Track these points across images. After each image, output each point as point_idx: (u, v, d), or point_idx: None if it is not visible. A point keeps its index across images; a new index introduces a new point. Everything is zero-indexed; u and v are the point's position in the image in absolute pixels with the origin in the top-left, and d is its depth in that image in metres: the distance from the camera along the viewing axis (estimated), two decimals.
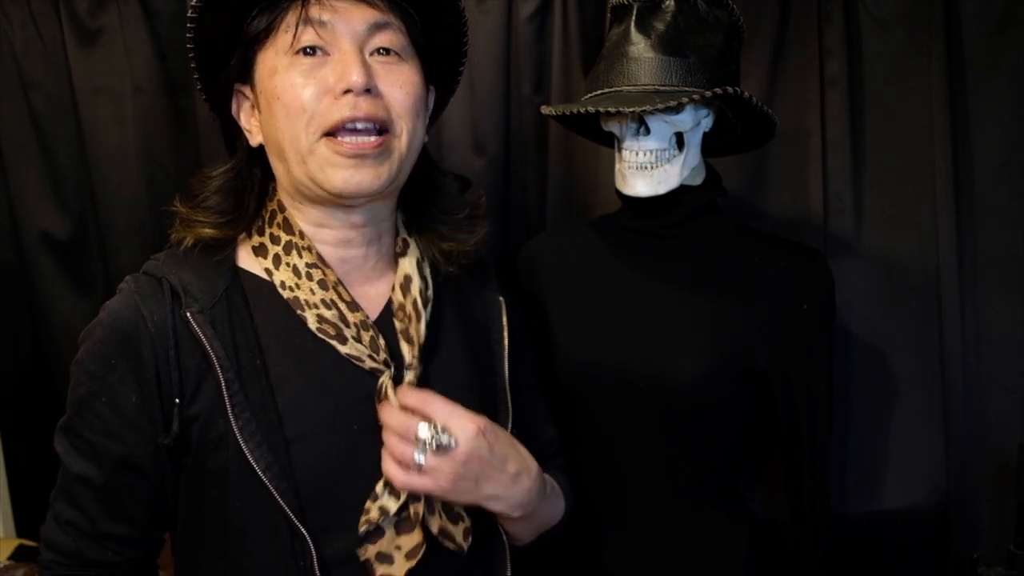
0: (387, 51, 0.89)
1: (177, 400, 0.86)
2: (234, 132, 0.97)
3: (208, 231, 0.92)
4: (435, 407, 0.86)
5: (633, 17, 1.11)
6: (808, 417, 1.18)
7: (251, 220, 0.96)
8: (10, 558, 1.66)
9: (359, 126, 0.86)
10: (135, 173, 1.64)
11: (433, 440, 0.83)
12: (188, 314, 0.86)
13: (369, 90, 0.85)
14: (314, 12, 0.85)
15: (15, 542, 1.72)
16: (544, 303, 1.29)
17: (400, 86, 0.89)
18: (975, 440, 1.48)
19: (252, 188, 0.96)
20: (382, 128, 0.88)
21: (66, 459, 0.91)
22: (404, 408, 0.87)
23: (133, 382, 0.87)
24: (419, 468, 0.83)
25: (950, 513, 1.49)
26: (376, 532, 0.89)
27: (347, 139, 0.86)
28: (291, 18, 0.86)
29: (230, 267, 0.93)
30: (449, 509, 0.93)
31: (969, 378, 1.47)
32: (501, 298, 1.08)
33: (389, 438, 0.86)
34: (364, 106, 0.85)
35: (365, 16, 0.87)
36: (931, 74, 1.44)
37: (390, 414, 0.87)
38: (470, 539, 0.94)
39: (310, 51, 0.86)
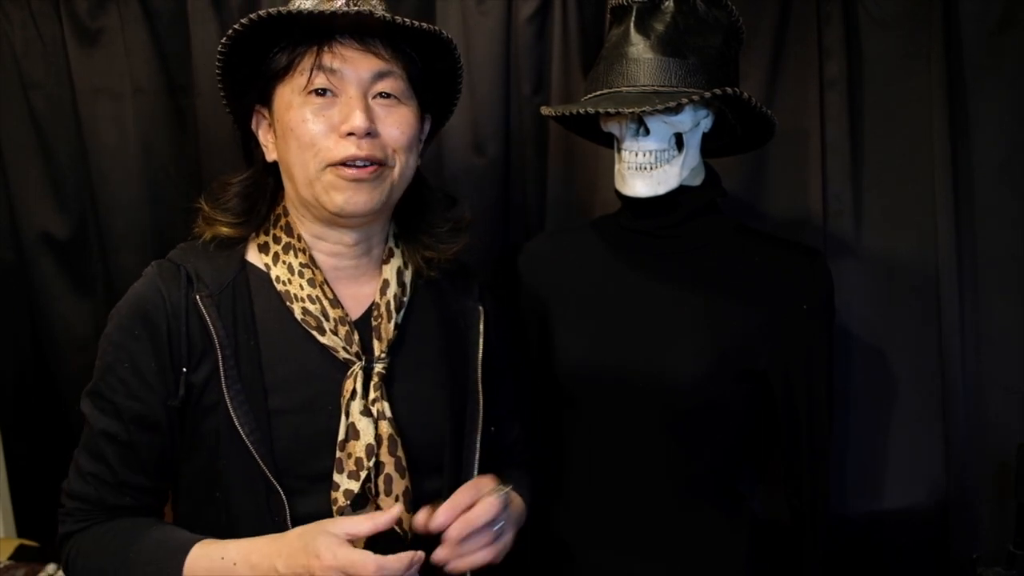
0: (388, 95, 1.02)
1: (184, 369, 1.00)
2: (251, 143, 1.10)
3: (225, 230, 1.07)
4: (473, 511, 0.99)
5: (633, 18, 1.11)
6: (808, 417, 1.18)
7: (261, 222, 1.09)
8: (10, 558, 1.66)
9: (359, 163, 0.99)
10: (135, 173, 1.65)
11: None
12: (198, 297, 1.01)
13: (370, 132, 0.99)
14: (326, 60, 0.99)
15: (15, 542, 1.72)
16: (544, 303, 1.29)
17: (397, 126, 1.02)
18: (975, 440, 1.48)
19: (265, 195, 1.10)
20: (380, 162, 1.01)
21: (91, 418, 1.02)
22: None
23: (152, 350, 1.00)
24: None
25: (950, 513, 1.49)
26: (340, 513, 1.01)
27: (348, 168, 0.99)
28: (307, 63, 0.99)
29: (240, 260, 1.07)
30: (407, 495, 1.03)
31: (969, 378, 1.47)
32: (481, 307, 1.18)
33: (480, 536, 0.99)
34: (365, 147, 0.99)
35: (371, 65, 1.00)
36: (931, 75, 1.44)
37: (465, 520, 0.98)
38: (413, 533, 1.02)
39: (321, 92, 0.99)
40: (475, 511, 0.98)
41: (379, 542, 1.00)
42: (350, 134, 0.98)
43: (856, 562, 1.54)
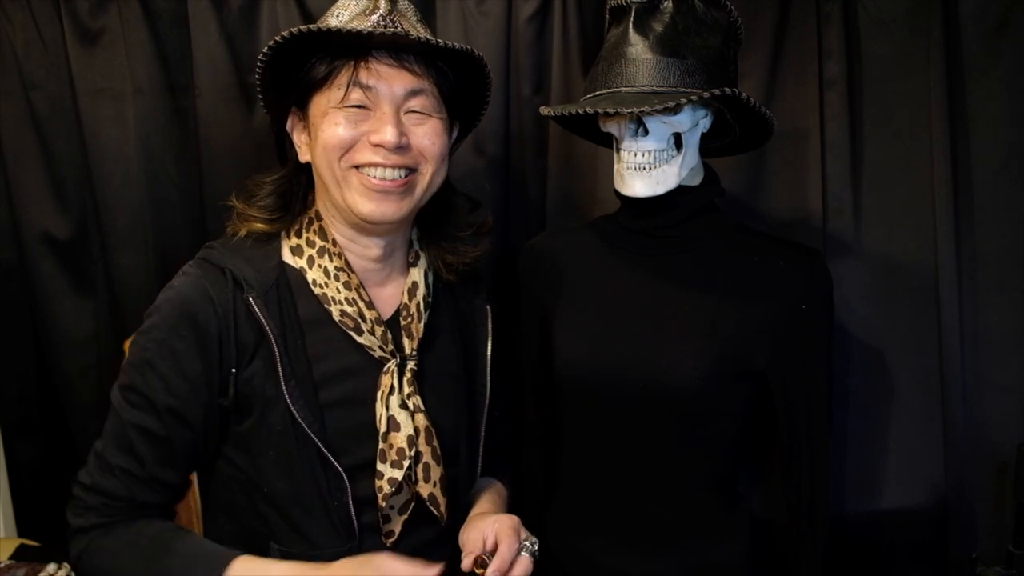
0: (419, 111, 1.07)
1: (234, 370, 1.04)
2: (284, 142, 1.16)
3: (260, 225, 1.11)
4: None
5: (631, 18, 1.11)
6: (806, 417, 1.18)
7: (293, 221, 1.14)
8: (11, 558, 1.66)
9: (388, 173, 1.05)
10: (135, 174, 1.64)
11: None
12: (250, 298, 1.04)
13: (400, 146, 1.04)
14: (362, 77, 1.04)
15: (16, 542, 1.72)
16: (544, 303, 1.29)
17: (427, 137, 1.07)
18: (974, 440, 1.48)
19: (298, 194, 1.15)
20: (410, 169, 1.07)
21: (123, 412, 1.05)
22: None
23: (198, 351, 1.03)
24: None
25: (949, 513, 1.49)
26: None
27: (375, 175, 1.04)
28: (343, 78, 1.04)
29: (278, 260, 1.11)
30: (442, 480, 1.12)
31: (968, 378, 1.47)
32: (488, 307, 1.26)
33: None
34: (393, 158, 1.04)
35: (404, 83, 1.05)
36: (930, 75, 1.44)
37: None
38: (448, 515, 1.13)
39: (356, 106, 1.05)
40: (516, 572, 1.03)
41: (417, 525, 1.11)
42: (379, 146, 1.03)
43: (855, 562, 1.54)
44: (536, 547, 1.07)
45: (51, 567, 1.58)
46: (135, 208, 1.66)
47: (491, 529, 1.06)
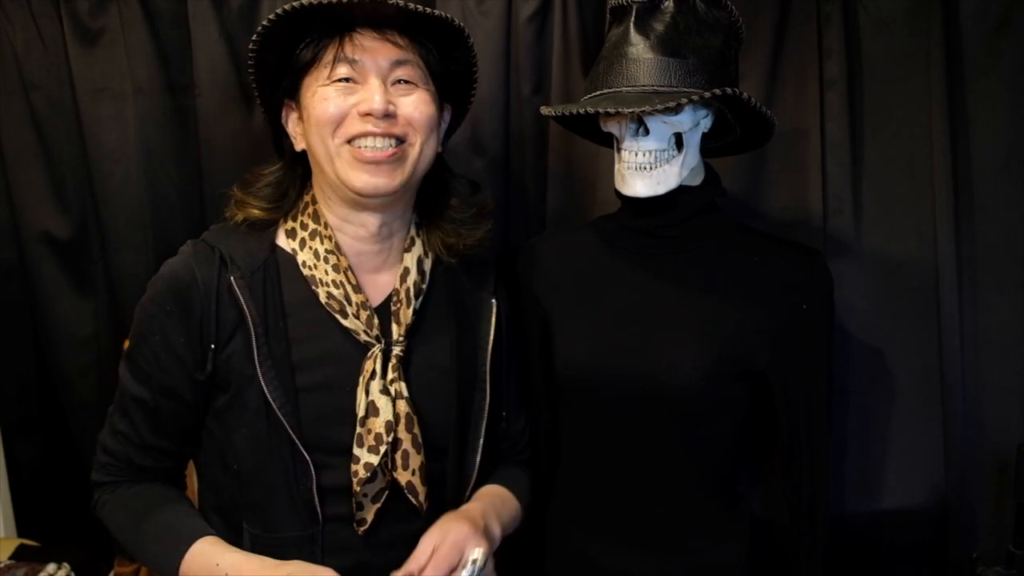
0: (406, 81, 1.09)
1: (212, 346, 1.07)
2: (281, 136, 1.18)
3: (257, 212, 1.13)
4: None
5: (632, 18, 1.11)
6: (807, 416, 1.19)
7: (290, 208, 1.16)
8: (11, 558, 1.66)
9: (378, 143, 1.06)
10: (135, 173, 1.64)
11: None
12: (232, 279, 1.07)
13: (388, 113, 1.05)
14: (347, 51, 1.06)
15: (16, 542, 1.72)
16: (544, 303, 1.29)
17: (414, 107, 1.09)
18: (974, 440, 1.48)
19: (295, 183, 1.17)
20: (399, 139, 1.07)
21: (124, 381, 1.12)
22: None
23: (182, 326, 1.07)
24: None
25: (949, 513, 1.49)
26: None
27: (367, 146, 1.06)
28: (329, 55, 1.07)
29: (270, 243, 1.13)
30: (422, 469, 1.11)
31: (968, 378, 1.47)
32: (494, 300, 1.23)
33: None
34: (382, 125, 1.05)
35: (389, 54, 1.08)
36: (930, 75, 1.44)
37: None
38: (427, 503, 1.12)
39: (344, 80, 1.07)
40: None
41: (393, 517, 1.10)
42: (368, 115, 1.04)
43: (855, 562, 1.54)
44: (477, 567, 1.04)
45: (51, 567, 1.58)
46: (135, 208, 1.66)
47: (440, 542, 1.04)
